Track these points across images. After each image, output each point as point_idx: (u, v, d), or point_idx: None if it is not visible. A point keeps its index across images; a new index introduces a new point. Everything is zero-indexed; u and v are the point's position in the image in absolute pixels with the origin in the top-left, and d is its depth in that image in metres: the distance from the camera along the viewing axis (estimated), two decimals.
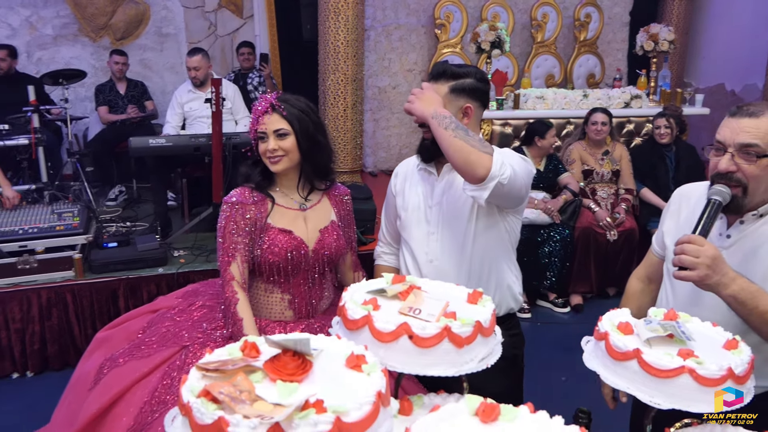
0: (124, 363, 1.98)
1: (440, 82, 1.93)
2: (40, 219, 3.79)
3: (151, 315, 2.20)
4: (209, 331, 2.02)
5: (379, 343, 1.22)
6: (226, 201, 2.04)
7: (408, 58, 6.54)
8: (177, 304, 2.21)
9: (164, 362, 1.94)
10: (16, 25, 6.03)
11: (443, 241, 1.96)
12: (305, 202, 2.08)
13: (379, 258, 2.24)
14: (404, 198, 2.07)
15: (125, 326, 2.20)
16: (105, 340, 2.18)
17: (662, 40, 5.86)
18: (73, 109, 5.40)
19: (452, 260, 1.95)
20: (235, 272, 1.97)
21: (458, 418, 0.97)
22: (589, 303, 4.57)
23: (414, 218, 2.02)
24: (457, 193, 1.92)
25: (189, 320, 2.10)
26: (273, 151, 1.94)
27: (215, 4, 6.51)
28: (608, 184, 4.71)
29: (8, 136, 4.69)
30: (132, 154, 4.43)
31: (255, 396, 0.97)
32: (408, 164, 2.14)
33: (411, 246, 2.02)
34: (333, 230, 2.09)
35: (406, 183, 2.09)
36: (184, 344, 1.98)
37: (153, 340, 2.03)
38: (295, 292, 2.05)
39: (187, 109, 5.00)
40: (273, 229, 2.00)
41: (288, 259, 1.99)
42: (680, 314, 1.46)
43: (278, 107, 1.95)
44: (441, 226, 1.97)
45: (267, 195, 2.04)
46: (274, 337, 1.11)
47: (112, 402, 1.88)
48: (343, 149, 5.35)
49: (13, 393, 3.39)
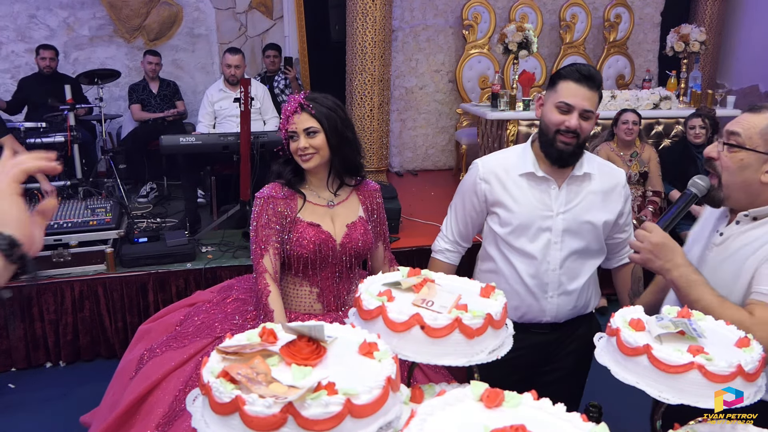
0: (161, 353, 2.08)
1: (594, 89, 1.92)
2: (74, 214, 3.91)
3: (188, 308, 2.31)
4: (241, 323, 2.10)
5: (392, 332, 1.26)
6: (259, 196, 2.10)
7: (435, 59, 6.57)
8: (212, 297, 2.31)
9: (198, 352, 2.03)
10: (54, 26, 6.22)
11: (563, 250, 2.00)
12: (333, 198, 2.12)
13: (441, 254, 2.21)
14: (511, 206, 2.01)
15: (165, 319, 2.32)
16: (147, 332, 2.31)
17: (693, 41, 5.79)
18: (107, 108, 5.56)
19: (573, 267, 2.02)
20: (267, 264, 2.03)
21: (463, 403, 1.01)
22: (614, 305, 4.53)
23: (532, 227, 2.00)
24: (579, 204, 1.99)
25: (222, 312, 2.19)
26: (304, 149, 2.00)
27: (246, 6, 6.62)
28: (636, 186, 4.67)
29: (45, 134, 4.85)
30: (163, 152, 4.54)
31: (271, 378, 1.01)
32: (496, 168, 2.05)
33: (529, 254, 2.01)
34: (360, 225, 2.13)
35: (505, 190, 2.02)
36: (218, 335, 2.06)
37: (189, 331, 2.13)
38: (324, 285, 2.11)
39: (217, 108, 5.11)
40: (302, 222, 2.06)
41: (316, 252, 2.05)
42: (693, 312, 1.47)
43: (307, 106, 2.01)
44: (564, 236, 1.99)
45: (297, 191, 2.10)
46: (290, 324, 1.15)
47: (150, 389, 1.98)
48: (369, 149, 5.41)
49: (47, 381, 3.52)
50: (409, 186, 6.14)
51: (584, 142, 1.96)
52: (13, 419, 3.15)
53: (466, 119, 6.58)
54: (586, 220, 2.00)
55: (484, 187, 2.04)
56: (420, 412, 0.98)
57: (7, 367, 3.62)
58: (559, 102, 1.90)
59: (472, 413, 0.99)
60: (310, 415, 0.93)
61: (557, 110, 1.91)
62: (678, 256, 1.53)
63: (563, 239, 1.99)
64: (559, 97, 1.90)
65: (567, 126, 1.89)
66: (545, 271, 2.00)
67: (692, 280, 1.51)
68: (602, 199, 2.03)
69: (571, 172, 1.99)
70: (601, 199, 2.03)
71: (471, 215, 2.12)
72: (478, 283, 1.48)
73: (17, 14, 6.11)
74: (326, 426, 0.94)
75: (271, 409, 0.93)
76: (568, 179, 1.99)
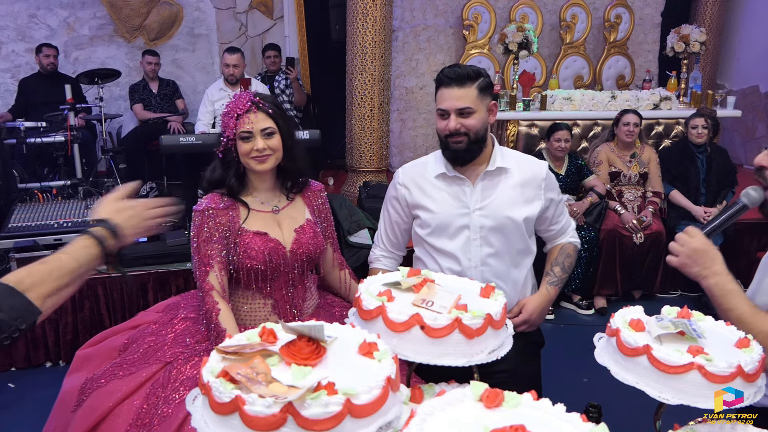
0: (106, 383, 1.89)
1: (467, 86, 1.94)
2: (74, 214, 3.91)
3: (132, 331, 2.10)
4: (192, 345, 1.95)
5: (392, 332, 1.26)
6: (197, 209, 1.96)
7: (436, 59, 6.57)
8: (158, 318, 2.11)
9: (147, 380, 1.85)
10: (54, 25, 6.22)
11: (483, 247, 2.02)
12: (278, 204, 2.03)
13: (378, 262, 2.23)
14: (430, 207, 2.05)
15: (105, 344, 2.10)
16: (86, 359, 2.09)
17: (693, 42, 5.78)
18: (107, 107, 5.56)
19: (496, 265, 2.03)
20: (213, 282, 1.90)
21: (463, 403, 1.01)
22: (614, 306, 4.54)
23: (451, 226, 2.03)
24: (496, 199, 2.01)
25: (171, 333, 2.01)
26: (262, 150, 1.91)
27: (246, 6, 6.62)
28: (635, 187, 4.67)
29: (45, 133, 4.85)
30: (163, 152, 4.54)
31: (270, 378, 1.02)
32: (413, 174, 2.12)
33: (450, 253, 2.03)
34: (309, 228, 2.05)
35: (424, 193, 2.07)
36: (167, 360, 1.90)
37: (135, 357, 1.94)
38: (277, 296, 2.00)
39: (217, 107, 5.12)
40: (247, 233, 1.95)
41: (266, 262, 1.94)
42: (693, 313, 1.47)
43: (263, 105, 1.92)
44: (483, 233, 2.02)
45: (239, 200, 1.99)
46: (290, 324, 1.15)
47: (95, 425, 1.80)
48: (369, 149, 5.41)
49: (47, 381, 3.51)
50: None
51: (479, 137, 1.97)
52: (13, 419, 3.14)
53: None
54: (506, 216, 2.02)
55: (403, 192, 2.10)
56: (420, 412, 0.98)
57: (7, 367, 3.62)
58: (437, 109, 1.99)
59: (472, 413, 0.99)
60: (309, 415, 0.94)
61: (439, 117, 1.99)
62: (716, 264, 1.50)
63: (482, 236, 2.02)
64: (437, 105, 1.99)
65: (449, 129, 1.95)
66: (467, 269, 2.02)
67: (728, 289, 1.48)
68: (520, 192, 2.05)
69: (485, 168, 2.02)
70: (519, 192, 2.04)
71: (397, 221, 2.15)
72: (478, 284, 1.48)
73: (17, 14, 6.11)
74: (326, 426, 0.94)
75: (270, 409, 0.94)
76: (481, 175, 2.02)
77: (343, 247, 3.84)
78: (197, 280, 1.93)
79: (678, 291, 4.79)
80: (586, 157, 4.89)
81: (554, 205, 2.13)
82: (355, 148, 5.41)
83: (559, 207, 2.15)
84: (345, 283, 2.23)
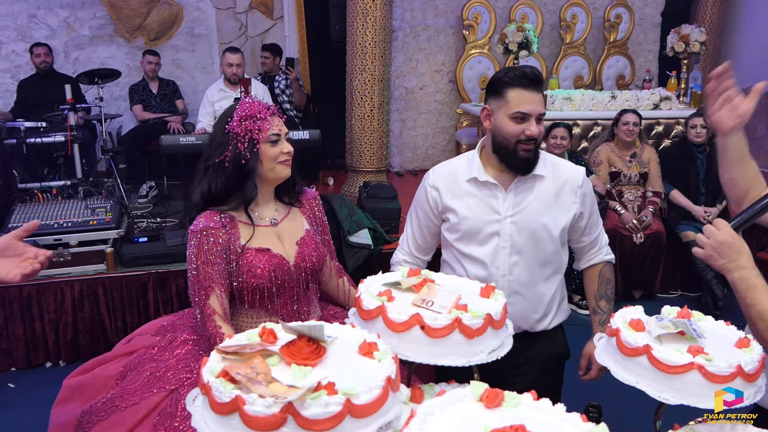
0: (106, 416, 1.75)
1: (540, 89, 1.87)
2: (74, 213, 3.91)
3: (127, 357, 1.94)
4: (198, 370, 1.78)
5: (392, 332, 1.26)
6: (193, 230, 1.84)
7: (436, 59, 6.57)
8: (155, 342, 1.95)
9: (152, 411, 1.72)
10: (54, 25, 6.22)
11: (512, 255, 1.94)
12: (275, 216, 1.95)
13: (399, 266, 2.12)
14: (460, 211, 1.97)
15: (98, 372, 1.95)
16: (78, 388, 1.94)
17: (693, 41, 5.79)
18: (107, 107, 5.56)
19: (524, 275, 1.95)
20: (215, 305, 1.79)
21: (463, 403, 1.01)
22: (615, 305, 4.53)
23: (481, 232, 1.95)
24: (529, 207, 1.93)
25: (172, 359, 1.86)
26: (289, 154, 1.85)
27: (246, 6, 6.62)
28: (635, 187, 4.67)
29: (45, 134, 4.85)
30: (163, 152, 4.53)
31: (270, 378, 1.02)
32: (445, 176, 2.04)
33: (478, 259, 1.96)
34: (310, 239, 1.97)
35: (454, 196, 1.99)
36: (172, 388, 1.76)
37: (135, 386, 1.79)
38: (283, 312, 1.91)
39: (217, 108, 5.11)
40: (249, 250, 1.84)
41: (271, 279, 1.84)
42: (693, 313, 1.47)
43: (276, 111, 1.88)
44: (514, 241, 1.93)
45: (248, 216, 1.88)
46: (290, 324, 1.15)
47: None
48: (369, 149, 5.40)
49: (47, 381, 3.51)
50: (409, 186, 6.11)
51: (540, 143, 1.93)
52: (13, 419, 3.14)
53: (466, 119, 6.58)
54: (540, 223, 1.93)
55: (434, 195, 2.02)
56: (420, 412, 0.98)
57: (7, 367, 3.62)
58: (514, 113, 1.84)
59: (472, 413, 0.99)
60: (309, 415, 0.94)
61: (513, 121, 1.85)
62: (743, 258, 1.47)
63: (513, 244, 1.93)
64: (513, 107, 1.85)
65: (528, 135, 1.84)
66: (495, 277, 1.93)
67: (752, 283, 1.45)
68: (554, 200, 1.95)
69: (520, 174, 1.93)
70: (553, 200, 1.95)
71: (426, 224, 2.08)
72: (478, 284, 1.48)
73: (17, 14, 6.11)
74: (326, 426, 0.94)
75: (270, 409, 0.94)
76: (515, 182, 1.93)
77: (343, 247, 3.84)
78: (196, 304, 1.83)
79: (678, 291, 4.79)
80: (586, 157, 4.89)
81: (588, 215, 2.02)
82: (355, 148, 5.41)
83: (592, 218, 2.04)
84: (344, 291, 2.17)
